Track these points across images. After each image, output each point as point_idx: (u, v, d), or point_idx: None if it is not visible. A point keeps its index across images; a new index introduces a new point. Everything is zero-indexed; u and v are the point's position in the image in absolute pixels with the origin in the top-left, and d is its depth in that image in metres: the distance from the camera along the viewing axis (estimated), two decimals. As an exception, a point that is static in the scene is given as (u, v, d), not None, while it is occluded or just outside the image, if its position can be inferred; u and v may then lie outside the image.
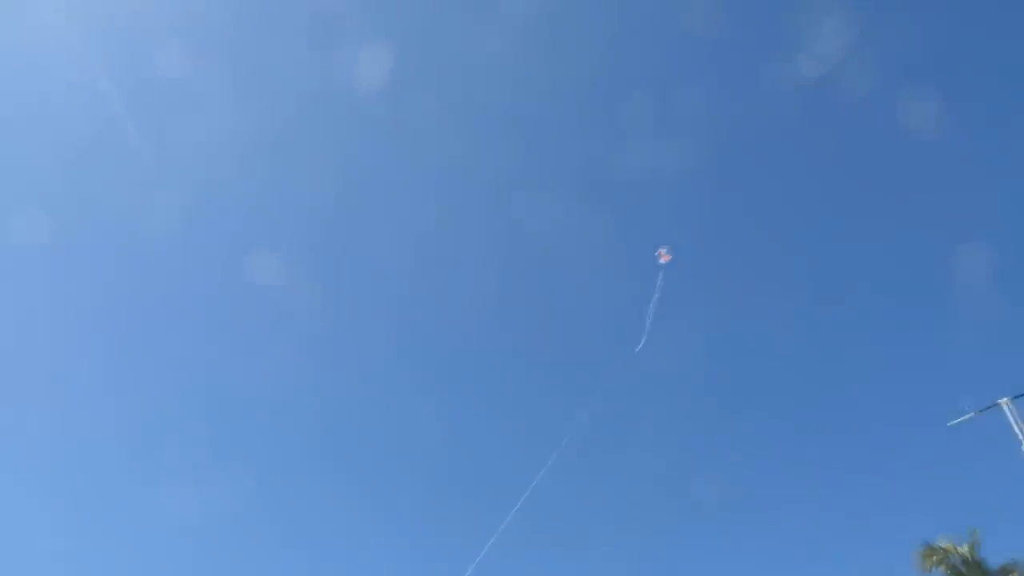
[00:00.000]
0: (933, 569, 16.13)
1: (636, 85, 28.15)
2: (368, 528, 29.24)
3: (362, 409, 31.19)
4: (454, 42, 28.17)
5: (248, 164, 29.75)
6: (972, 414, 16.70)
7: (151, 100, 28.52)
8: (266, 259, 27.39)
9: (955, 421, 16.71)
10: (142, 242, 29.24)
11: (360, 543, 28.77)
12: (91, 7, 27.98)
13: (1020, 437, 16.04)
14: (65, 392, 30.12)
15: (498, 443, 30.81)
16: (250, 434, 31.08)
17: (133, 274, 30.36)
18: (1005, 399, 16.16)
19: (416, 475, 29.84)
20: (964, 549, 15.75)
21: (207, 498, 25.51)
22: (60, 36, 26.57)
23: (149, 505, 26.16)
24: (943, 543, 16.02)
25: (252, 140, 29.00)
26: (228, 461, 29.97)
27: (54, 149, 27.77)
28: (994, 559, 16.02)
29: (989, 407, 16.32)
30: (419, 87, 27.89)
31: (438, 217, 29.80)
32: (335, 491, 29.42)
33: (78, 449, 29.20)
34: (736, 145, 30.14)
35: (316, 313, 29.88)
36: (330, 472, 30.33)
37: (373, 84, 25.91)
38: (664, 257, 16.91)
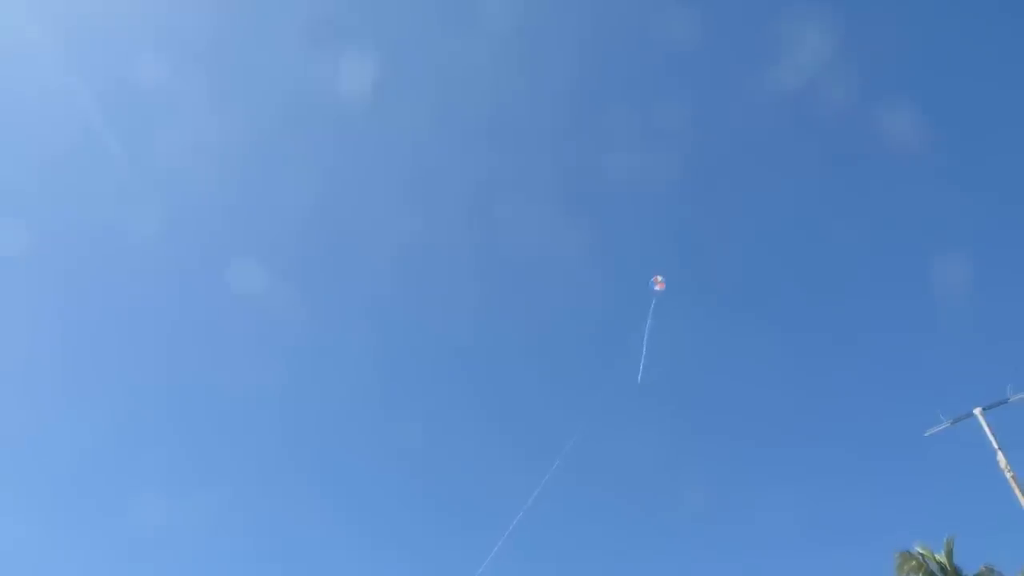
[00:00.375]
0: (910, 575, 16.56)
1: (618, 94, 28.33)
2: (350, 540, 29.06)
3: (345, 418, 31.04)
4: (436, 49, 28.13)
5: (227, 171, 29.51)
6: (947, 424, 17.18)
7: (130, 106, 28.21)
8: (247, 266, 27.05)
9: (931, 431, 17.19)
10: (121, 250, 28.90)
11: (342, 555, 28.56)
12: (68, 12, 27.62)
13: (994, 446, 16.53)
14: (42, 400, 29.71)
15: (484, 452, 30.81)
16: (231, 443, 30.74)
17: (111, 282, 29.97)
18: (978, 409, 16.67)
19: (401, 486, 29.72)
20: (941, 556, 16.12)
21: (187, 508, 25.22)
22: (35, 41, 26.22)
23: (128, 514, 25.82)
24: (920, 550, 16.44)
25: (232, 146, 28.80)
26: (207, 471, 29.52)
27: (30, 156, 27.40)
28: (969, 565, 16.45)
29: (963, 417, 16.85)
30: (401, 94, 27.86)
31: (422, 224, 29.76)
32: (317, 502, 29.18)
33: (56, 456, 28.81)
34: (717, 154, 30.43)
35: (298, 320, 29.65)
36: (312, 483, 30.09)
37: (355, 91, 25.78)
38: (659, 284, 16.90)
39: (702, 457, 28.62)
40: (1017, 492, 15.81)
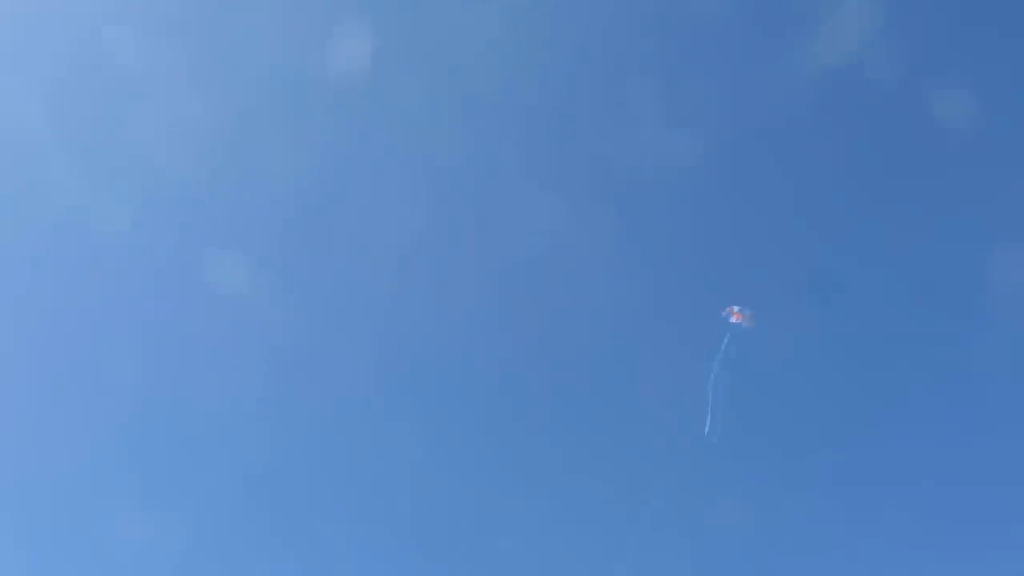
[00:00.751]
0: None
1: (644, 73, 26.86)
2: (337, 562, 27.98)
3: (337, 430, 29.50)
4: (439, 24, 26.89)
5: (207, 157, 28.08)
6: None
7: (100, 87, 26.76)
8: (230, 262, 26.04)
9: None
10: (90, 244, 27.30)
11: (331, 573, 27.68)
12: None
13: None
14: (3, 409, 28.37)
15: (493, 471, 29.27)
16: (210, 456, 29.46)
17: (80, 279, 28.37)
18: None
19: (397, 505, 28.36)
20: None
21: (160, 526, 24.37)
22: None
23: (99, 535, 24.94)
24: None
25: (216, 131, 27.31)
26: (184, 485, 28.47)
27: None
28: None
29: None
30: (404, 74, 26.60)
31: (426, 217, 28.26)
32: (304, 520, 28.03)
33: (19, 471, 27.64)
34: (753, 139, 28.75)
35: (286, 323, 28.15)
36: (300, 499, 28.87)
37: (354, 70, 24.79)
38: (736, 316, 14.01)
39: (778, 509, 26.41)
40: None
